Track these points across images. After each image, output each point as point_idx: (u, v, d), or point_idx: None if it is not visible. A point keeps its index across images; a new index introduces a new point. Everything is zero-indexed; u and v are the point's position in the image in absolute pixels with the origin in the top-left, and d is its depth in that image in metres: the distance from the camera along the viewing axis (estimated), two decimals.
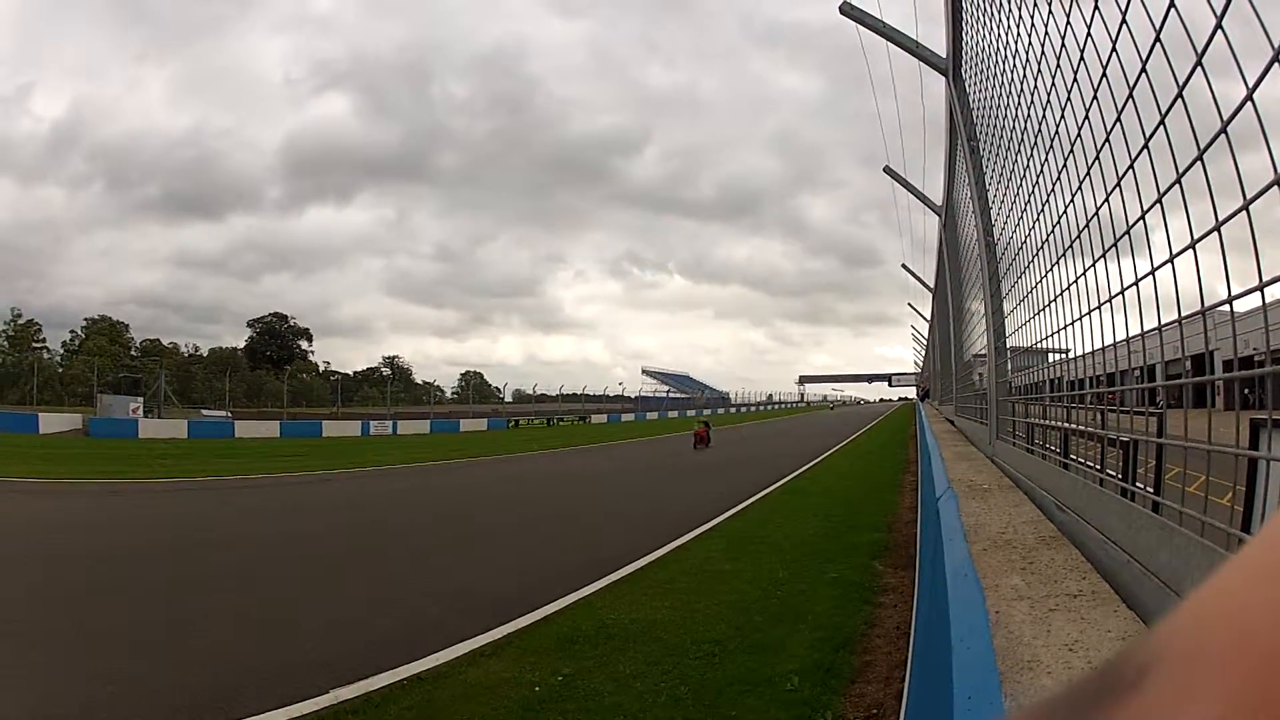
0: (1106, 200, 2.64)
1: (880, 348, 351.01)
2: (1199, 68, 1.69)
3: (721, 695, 5.83)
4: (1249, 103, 1.50)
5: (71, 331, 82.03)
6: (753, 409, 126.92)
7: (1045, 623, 2.05)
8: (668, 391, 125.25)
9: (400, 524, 14.40)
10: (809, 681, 5.94)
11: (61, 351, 78.80)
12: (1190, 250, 1.86)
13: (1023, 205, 4.75)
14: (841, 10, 8.88)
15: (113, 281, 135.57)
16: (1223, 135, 1.61)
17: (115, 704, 5.63)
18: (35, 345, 74.62)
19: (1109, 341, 2.78)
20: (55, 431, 39.95)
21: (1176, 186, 1.90)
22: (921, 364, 63.37)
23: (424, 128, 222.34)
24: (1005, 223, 5.87)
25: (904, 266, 37.63)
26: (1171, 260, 2.00)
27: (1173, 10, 1.79)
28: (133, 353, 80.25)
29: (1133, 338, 2.40)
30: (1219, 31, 1.58)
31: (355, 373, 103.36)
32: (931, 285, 27.63)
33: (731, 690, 5.91)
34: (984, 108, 6.29)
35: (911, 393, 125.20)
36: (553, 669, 6.37)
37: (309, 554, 11.14)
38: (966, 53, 6.92)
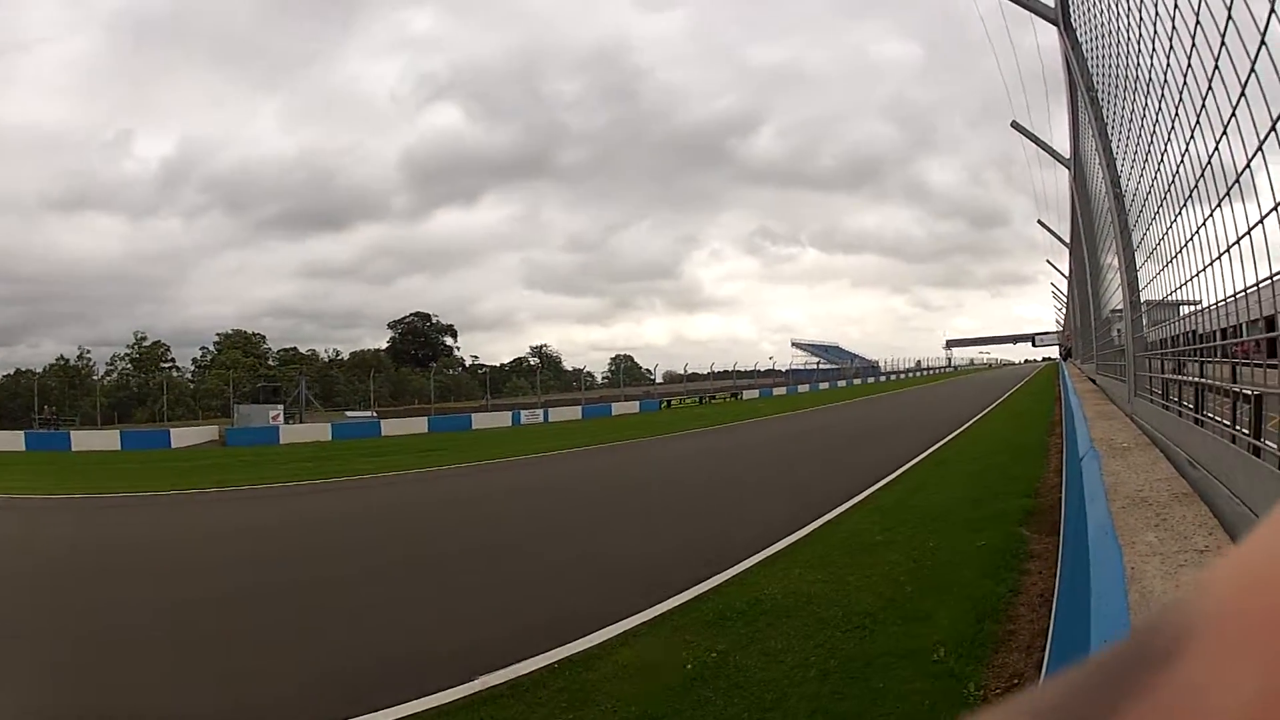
0: (1217, 147, 2.58)
1: (1018, 308, 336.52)
2: (1273, 14, 1.67)
3: (870, 667, 5.85)
4: None
5: (202, 348, 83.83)
6: (902, 375, 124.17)
7: (1174, 578, 2.07)
8: (818, 363, 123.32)
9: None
10: (954, 653, 5.90)
11: (192, 368, 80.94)
12: None
13: (1144, 153, 4.61)
14: None
15: (244, 298, 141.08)
16: None
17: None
18: (163, 366, 77.10)
19: (1230, 292, 2.72)
20: (189, 445, 39.54)
21: (1274, 133, 1.87)
22: (1062, 322, 61.07)
23: (540, 126, 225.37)
24: (1131, 171, 5.68)
25: (1040, 223, 36.22)
26: (1277, 207, 1.97)
27: None
28: (269, 362, 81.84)
29: (1249, 289, 2.36)
30: None
31: (503, 364, 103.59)
32: (1066, 241, 26.63)
33: (880, 662, 5.92)
34: (1097, 56, 6.09)
35: (1054, 352, 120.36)
36: (706, 645, 6.49)
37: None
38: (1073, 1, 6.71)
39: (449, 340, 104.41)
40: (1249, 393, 2.81)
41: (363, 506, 16.68)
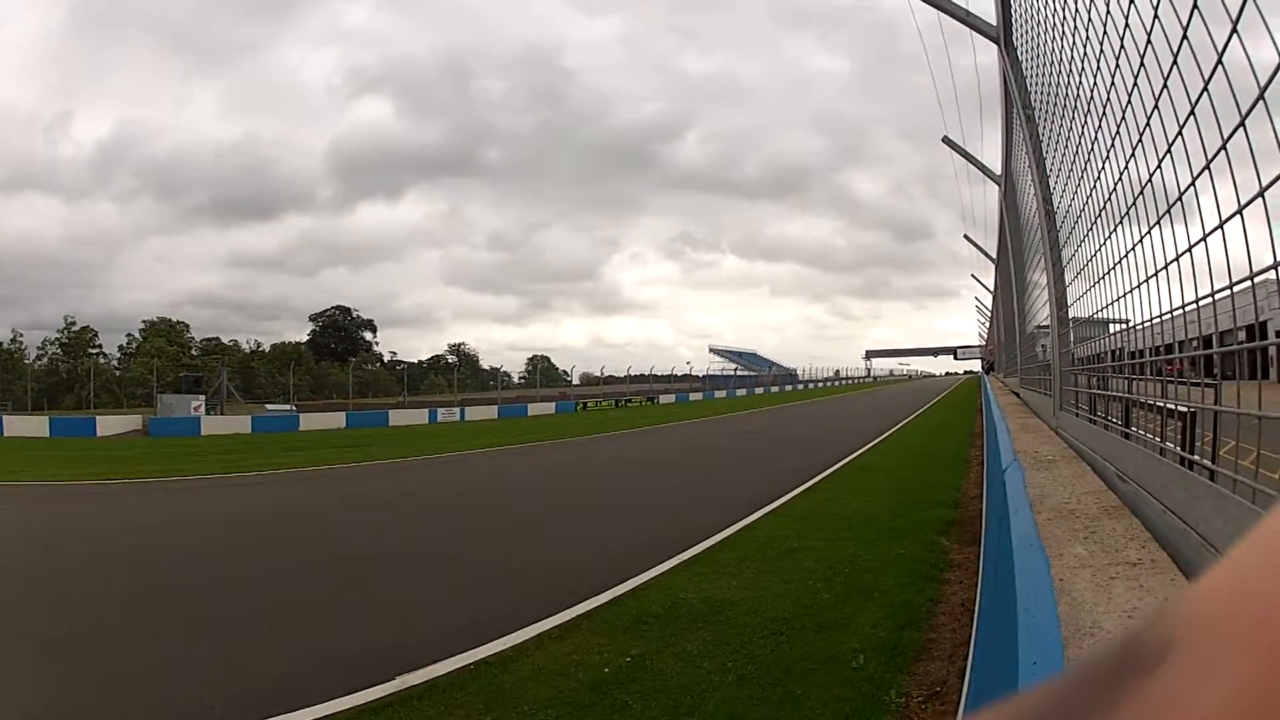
0: (1159, 167, 2.61)
1: (940, 321, 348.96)
2: (1234, 34, 1.67)
3: (789, 673, 5.87)
4: None
5: (128, 335, 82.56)
6: (821, 384, 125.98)
7: (1107, 590, 2.07)
8: (735, 369, 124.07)
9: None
10: (874, 659, 5.96)
11: (118, 355, 79.29)
12: (1238, 217, 1.84)
13: (1080, 173, 4.69)
14: None
15: (170, 285, 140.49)
16: (1261, 102, 1.60)
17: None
18: (91, 351, 75.54)
19: (1164, 311, 2.76)
20: (115, 434, 39.05)
21: (1222, 153, 1.88)
22: (986, 336, 62.66)
23: (467, 124, 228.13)
24: (1064, 191, 5.79)
25: (966, 237, 37.10)
26: (1221, 227, 1.98)
27: None
28: (192, 352, 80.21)
29: (1187, 306, 2.39)
30: None
31: (421, 361, 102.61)
32: (993, 256, 27.24)
33: (799, 668, 5.95)
34: (1037, 75, 6.20)
35: (977, 366, 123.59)
36: (621, 649, 6.46)
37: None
38: (1017, 20, 6.82)
39: (369, 335, 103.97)
40: (1183, 409, 2.85)
41: (287, 503, 16.27)
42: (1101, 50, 3.24)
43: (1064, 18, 4.10)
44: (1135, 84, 2.75)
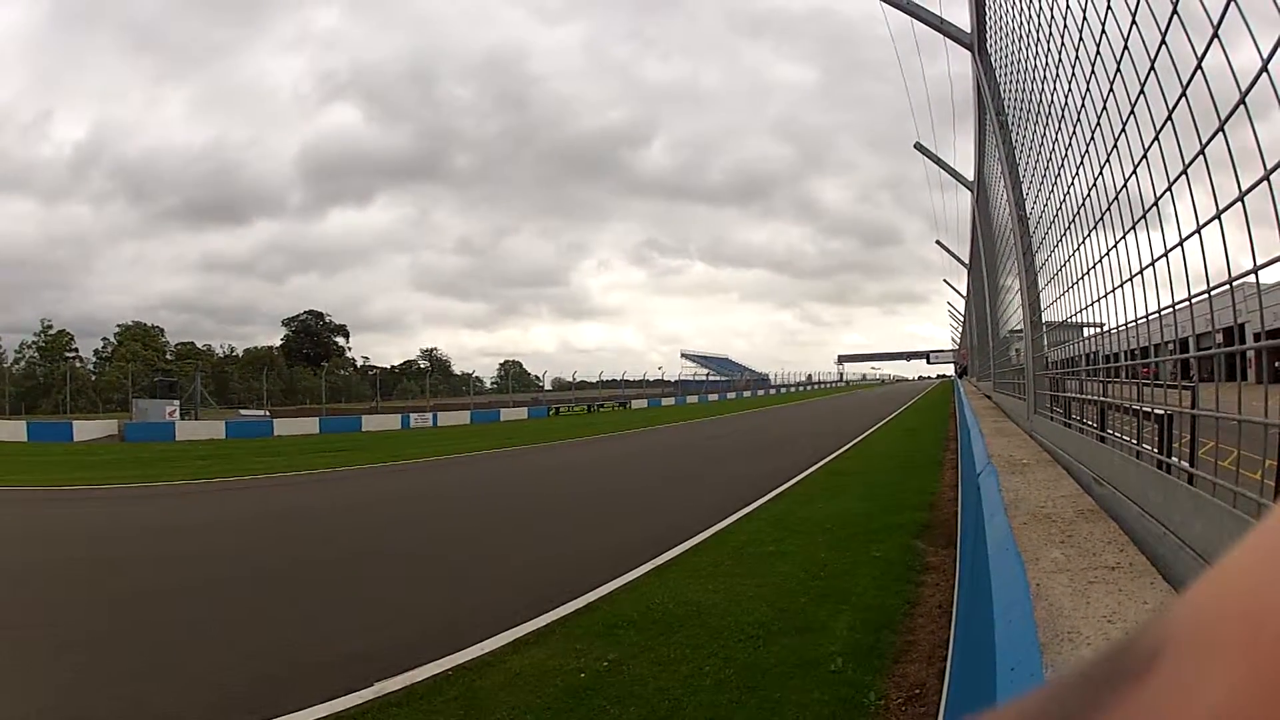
0: (1134, 173, 2.62)
1: (911, 326, 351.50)
2: (1215, 39, 1.68)
3: (766, 677, 5.87)
4: (1264, 73, 1.49)
5: (104, 339, 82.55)
6: (794, 389, 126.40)
7: (1084, 595, 2.06)
8: (708, 374, 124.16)
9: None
10: (852, 662, 5.97)
11: (94, 359, 79.28)
12: (1216, 222, 1.85)
13: (1053, 179, 4.71)
14: None
15: (143, 289, 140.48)
16: (1242, 106, 1.60)
17: None
18: (67, 355, 75.23)
19: (1140, 315, 2.77)
20: (91, 439, 39.09)
21: (1200, 158, 1.90)
22: (959, 340, 63.05)
23: (434, 130, 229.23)
24: (1037, 197, 5.82)
25: (938, 243, 37.32)
26: (1199, 232, 1.99)
27: None
28: (167, 356, 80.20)
29: (1164, 310, 2.40)
30: (1232, 2, 1.58)
31: (393, 366, 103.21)
32: (965, 261, 27.41)
33: (776, 672, 5.95)
34: (1011, 81, 6.24)
35: (950, 370, 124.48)
36: (598, 654, 6.45)
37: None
38: (991, 26, 6.86)
39: (340, 340, 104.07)
40: (1160, 412, 2.86)
41: (265, 507, 16.23)
42: (1077, 57, 3.26)
43: (1039, 24, 4.13)
44: (1111, 90, 2.77)
